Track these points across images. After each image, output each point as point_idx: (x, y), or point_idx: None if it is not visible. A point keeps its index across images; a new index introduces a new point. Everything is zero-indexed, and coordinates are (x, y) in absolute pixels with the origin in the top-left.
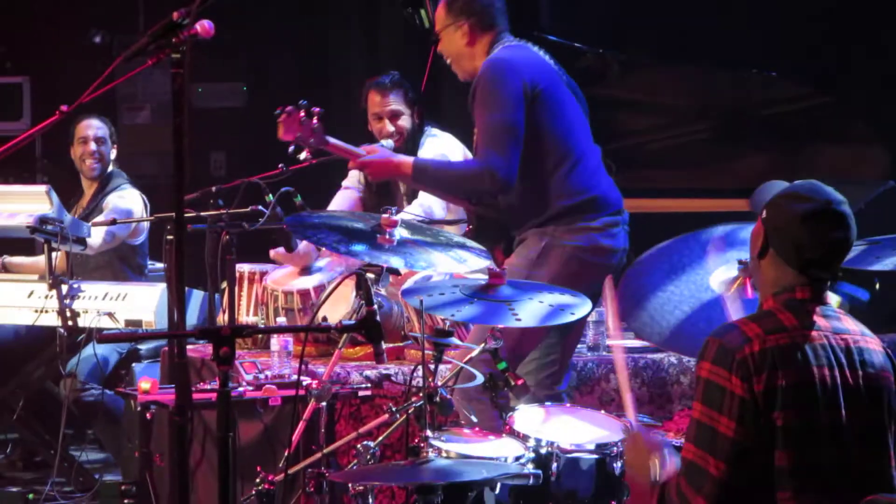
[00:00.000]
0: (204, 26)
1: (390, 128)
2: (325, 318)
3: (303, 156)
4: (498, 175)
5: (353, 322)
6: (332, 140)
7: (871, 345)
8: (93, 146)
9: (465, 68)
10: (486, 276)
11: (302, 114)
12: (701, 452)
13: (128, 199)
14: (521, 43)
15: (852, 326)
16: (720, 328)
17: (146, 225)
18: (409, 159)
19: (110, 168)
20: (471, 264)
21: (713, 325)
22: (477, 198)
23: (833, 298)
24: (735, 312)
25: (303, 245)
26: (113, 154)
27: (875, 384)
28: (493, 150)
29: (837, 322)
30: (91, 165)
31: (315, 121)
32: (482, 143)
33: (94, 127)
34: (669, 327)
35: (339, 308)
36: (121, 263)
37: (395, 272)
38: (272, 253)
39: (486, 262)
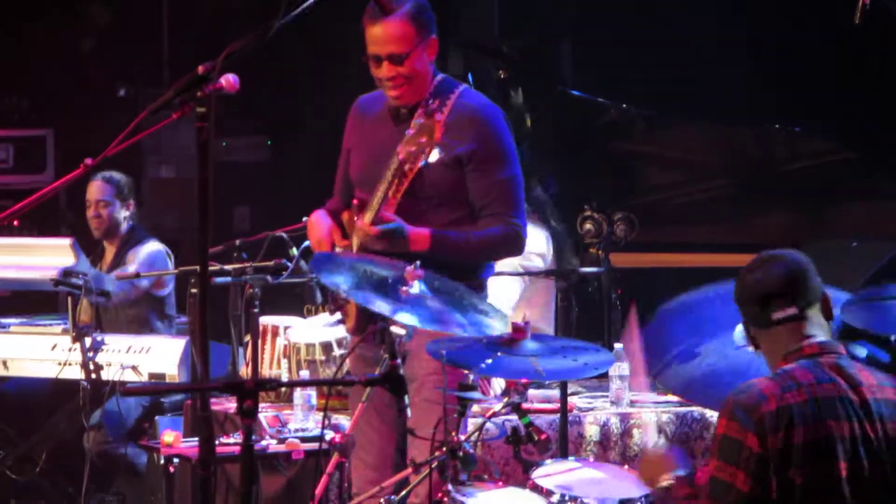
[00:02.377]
0: (229, 80)
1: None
2: (348, 372)
3: None
4: (523, 238)
5: (377, 375)
6: None
7: (890, 395)
8: (93, 211)
9: (417, 90)
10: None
11: None
12: None
13: (150, 252)
14: None
15: (869, 378)
16: (739, 388)
17: (171, 277)
18: (426, 231)
19: (126, 224)
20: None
21: (739, 378)
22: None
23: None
24: None
25: None
26: (125, 211)
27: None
28: (519, 212)
29: (854, 375)
30: (94, 228)
31: None
32: (506, 203)
33: (95, 190)
34: (695, 380)
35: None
36: (150, 315)
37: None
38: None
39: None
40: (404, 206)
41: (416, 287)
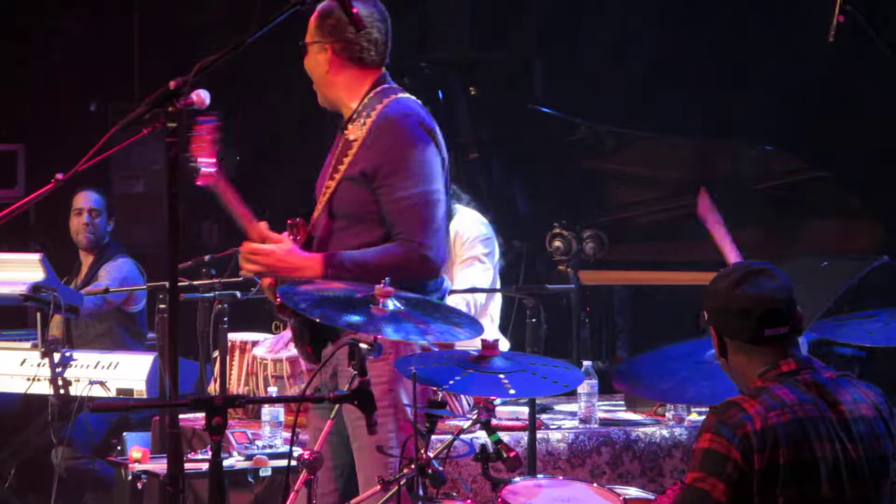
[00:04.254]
0: (200, 96)
1: None
2: (318, 389)
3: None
4: (430, 260)
5: (346, 392)
6: (227, 187)
7: (865, 411)
8: (86, 217)
9: (325, 95)
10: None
11: (214, 135)
12: None
13: (122, 268)
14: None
15: (845, 395)
16: (719, 406)
17: (144, 293)
18: (318, 256)
19: (106, 239)
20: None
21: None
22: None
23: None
24: None
25: None
26: (110, 226)
27: (875, 453)
28: (426, 232)
29: (832, 392)
30: (84, 236)
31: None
32: (408, 223)
33: (88, 199)
34: (671, 385)
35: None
36: (120, 331)
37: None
38: None
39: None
40: (324, 227)
41: (391, 303)
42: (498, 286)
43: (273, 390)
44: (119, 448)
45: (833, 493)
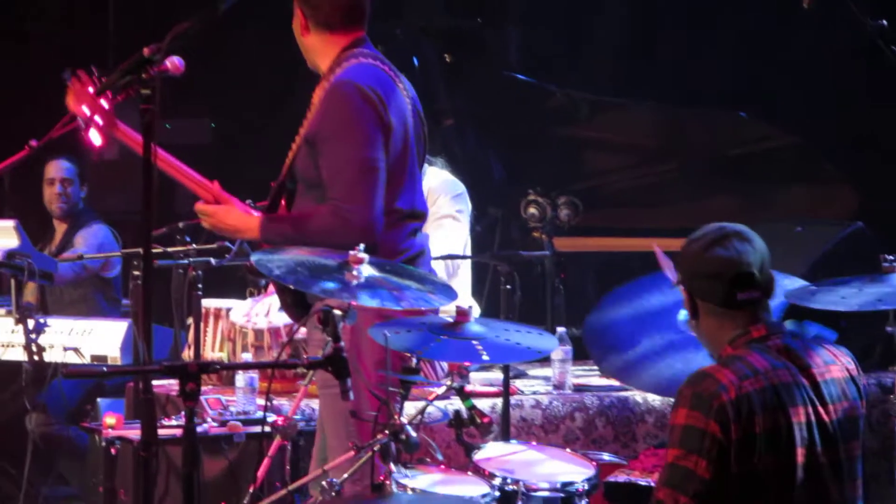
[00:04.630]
0: (174, 62)
1: None
2: (292, 354)
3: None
4: (355, 226)
5: (319, 358)
6: (126, 129)
7: (836, 373)
8: (58, 187)
9: (307, 58)
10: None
11: (91, 86)
12: (673, 492)
13: (98, 234)
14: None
15: (815, 358)
16: (692, 377)
17: (119, 258)
18: (257, 217)
19: (80, 206)
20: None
21: (689, 363)
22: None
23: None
24: None
25: None
26: (83, 193)
27: (846, 416)
28: (355, 197)
29: (801, 356)
30: (58, 206)
31: (100, 98)
32: (336, 187)
33: (60, 168)
34: (649, 374)
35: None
36: (97, 297)
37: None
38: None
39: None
40: (292, 189)
41: (365, 270)
42: (469, 246)
43: (247, 356)
44: (93, 414)
45: (806, 459)
